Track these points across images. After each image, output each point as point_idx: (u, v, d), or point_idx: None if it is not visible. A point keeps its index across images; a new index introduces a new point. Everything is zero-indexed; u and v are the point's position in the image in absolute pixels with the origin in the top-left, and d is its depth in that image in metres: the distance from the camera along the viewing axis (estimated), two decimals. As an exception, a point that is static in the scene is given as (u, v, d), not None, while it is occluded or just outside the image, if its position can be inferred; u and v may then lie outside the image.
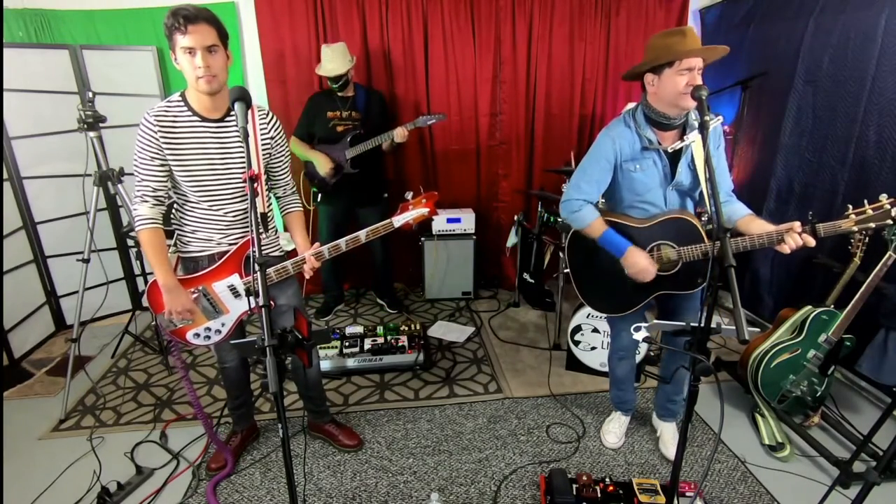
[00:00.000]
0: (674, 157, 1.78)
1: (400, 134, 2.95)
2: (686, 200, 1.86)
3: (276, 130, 1.81)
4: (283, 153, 1.87)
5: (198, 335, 1.85)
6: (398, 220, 1.79)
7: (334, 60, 2.94)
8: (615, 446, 2.22)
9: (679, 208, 1.85)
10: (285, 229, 2.00)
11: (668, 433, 2.22)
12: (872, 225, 1.53)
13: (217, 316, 1.84)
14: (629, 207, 1.88)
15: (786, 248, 1.57)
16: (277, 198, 1.97)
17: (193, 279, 1.79)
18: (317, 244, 1.79)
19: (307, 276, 1.79)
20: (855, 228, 1.55)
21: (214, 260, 1.80)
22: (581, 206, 1.86)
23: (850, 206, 1.57)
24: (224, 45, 1.61)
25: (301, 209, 1.98)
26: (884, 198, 1.52)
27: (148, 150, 1.64)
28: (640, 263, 1.77)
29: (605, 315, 2.60)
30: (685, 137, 1.76)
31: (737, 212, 1.79)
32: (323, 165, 3.02)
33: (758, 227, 1.67)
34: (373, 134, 2.99)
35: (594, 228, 1.84)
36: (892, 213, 1.50)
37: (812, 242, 1.54)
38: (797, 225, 1.55)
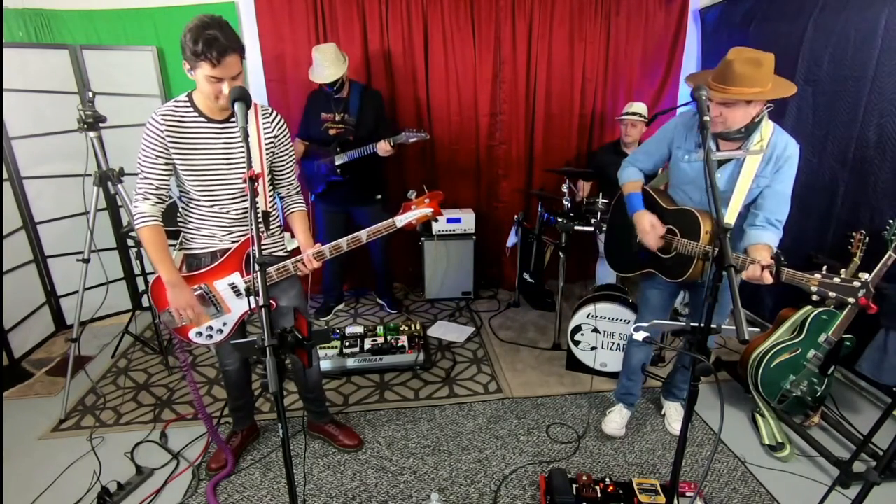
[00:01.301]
0: (721, 164, 1.81)
1: (382, 148, 2.87)
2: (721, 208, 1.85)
3: (279, 129, 1.81)
4: (286, 152, 1.87)
5: (200, 334, 1.85)
6: (400, 220, 1.78)
7: (328, 66, 2.88)
8: (617, 434, 2.24)
9: (705, 208, 1.84)
10: (286, 228, 2.00)
11: (672, 411, 2.37)
12: (832, 295, 1.42)
13: (219, 315, 1.84)
14: (672, 192, 2.01)
15: (742, 275, 1.58)
16: (281, 198, 1.97)
17: (196, 277, 1.79)
18: (318, 244, 1.79)
19: (302, 274, 1.80)
20: (813, 289, 1.45)
21: (216, 257, 1.81)
22: (627, 166, 2.09)
23: (825, 268, 1.46)
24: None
25: (304, 209, 1.98)
26: (863, 276, 1.41)
27: (154, 148, 1.65)
28: (642, 224, 1.94)
29: (605, 314, 2.62)
30: (741, 148, 1.76)
31: (759, 237, 1.72)
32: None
33: (754, 254, 1.66)
34: (366, 138, 2.95)
35: (627, 187, 2.06)
36: (858, 294, 1.39)
37: (769, 280, 1.54)
38: (766, 261, 1.55)
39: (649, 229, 1.91)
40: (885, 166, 2.36)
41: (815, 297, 1.47)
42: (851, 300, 1.40)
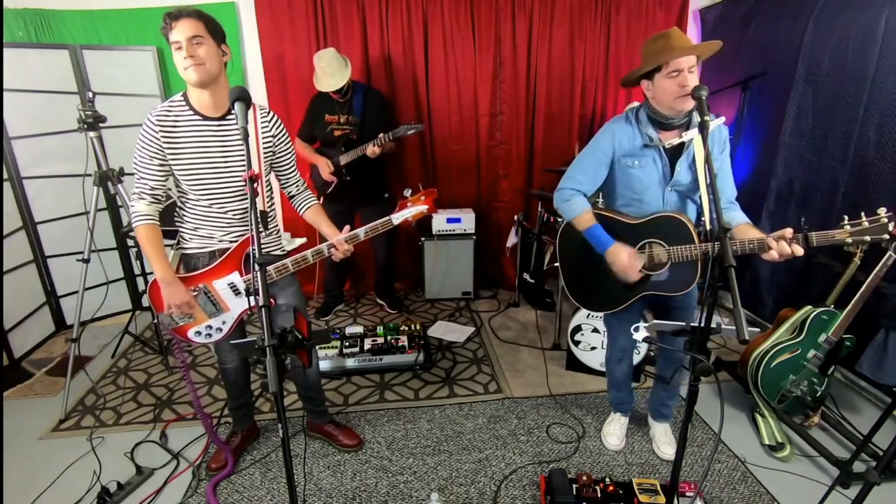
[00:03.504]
0: (674, 157, 1.76)
1: (370, 152, 2.90)
2: (686, 203, 1.82)
3: (277, 128, 1.82)
4: (286, 151, 1.87)
5: (199, 333, 1.85)
6: (397, 218, 1.79)
7: (332, 74, 2.87)
8: (617, 448, 2.22)
9: (675, 209, 1.81)
10: (285, 229, 2.00)
11: (660, 433, 2.23)
12: (867, 238, 1.46)
13: (218, 314, 1.84)
14: (625, 205, 1.87)
15: (774, 255, 1.50)
16: (292, 196, 1.97)
17: (194, 277, 1.79)
18: (347, 227, 1.79)
19: (337, 260, 1.78)
20: (849, 240, 1.48)
21: (215, 257, 1.81)
22: (572, 196, 1.86)
23: (847, 217, 1.50)
24: (214, 39, 1.62)
25: (318, 202, 1.98)
26: (882, 211, 1.45)
27: (148, 149, 1.66)
28: (621, 261, 1.74)
29: (601, 313, 2.61)
30: (683, 135, 1.73)
31: (734, 219, 1.74)
32: (324, 169, 3.01)
33: (752, 235, 1.61)
34: (370, 138, 2.96)
35: (582, 221, 1.83)
36: (890, 228, 1.44)
37: (800, 252, 1.48)
38: (788, 232, 1.49)
39: (630, 264, 1.74)
40: (885, 166, 2.36)
41: (851, 249, 1.53)
42: (886, 235, 1.44)
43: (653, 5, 3.48)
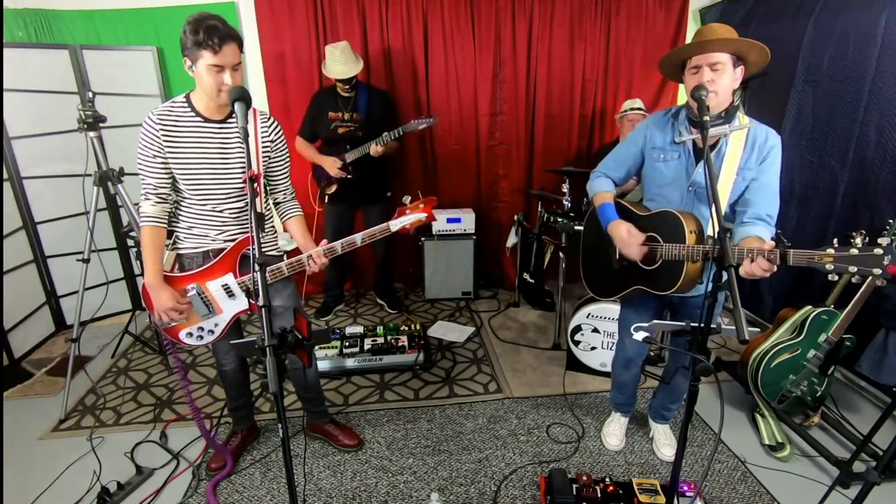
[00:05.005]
0: (702, 157, 1.69)
1: (373, 150, 2.90)
2: (702, 208, 1.75)
3: (276, 134, 1.82)
4: (282, 157, 1.88)
5: (190, 334, 1.85)
6: (395, 225, 1.80)
7: (345, 63, 2.89)
8: (617, 448, 2.22)
9: (690, 209, 1.75)
10: (284, 230, 2.00)
11: (660, 434, 2.23)
12: (853, 269, 1.22)
13: (211, 316, 1.83)
14: (650, 200, 1.89)
15: (741, 270, 1.39)
16: (277, 203, 1.97)
17: (188, 277, 1.79)
18: (325, 241, 1.80)
19: (312, 272, 1.78)
20: (829, 267, 1.26)
21: (210, 257, 1.81)
22: (598, 176, 1.98)
23: (836, 240, 1.28)
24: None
25: (301, 214, 1.97)
26: (883, 241, 1.19)
27: (150, 148, 1.66)
28: (619, 234, 1.78)
29: (601, 316, 2.61)
30: (693, 133, 1.69)
31: (748, 232, 1.60)
32: (332, 167, 3.00)
33: (746, 245, 1.50)
34: (375, 136, 2.98)
35: (598, 198, 1.94)
36: (884, 262, 1.18)
37: (766, 265, 1.37)
38: (768, 245, 1.40)
39: (627, 237, 1.74)
40: (885, 166, 2.36)
41: (832, 277, 1.29)
42: (878, 271, 1.19)
43: (653, 5, 3.48)
